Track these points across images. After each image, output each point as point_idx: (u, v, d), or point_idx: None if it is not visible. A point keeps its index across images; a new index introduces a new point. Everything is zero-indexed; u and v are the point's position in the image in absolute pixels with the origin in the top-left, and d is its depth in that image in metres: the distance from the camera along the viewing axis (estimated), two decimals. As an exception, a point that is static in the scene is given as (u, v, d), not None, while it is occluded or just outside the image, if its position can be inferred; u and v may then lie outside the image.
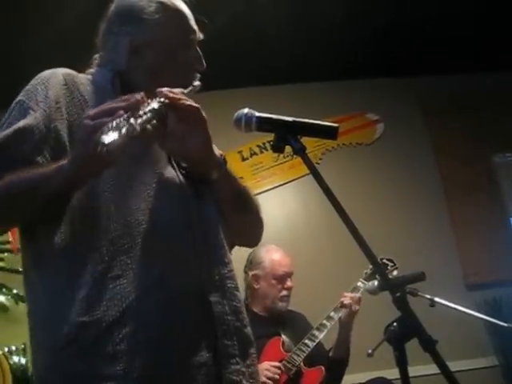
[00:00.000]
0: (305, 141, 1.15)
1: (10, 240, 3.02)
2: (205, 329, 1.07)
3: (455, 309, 2.33)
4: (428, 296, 2.30)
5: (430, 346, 0.94)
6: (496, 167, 4.07)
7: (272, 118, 1.18)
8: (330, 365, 2.52)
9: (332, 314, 2.53)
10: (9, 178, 1.02)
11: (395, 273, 2.64)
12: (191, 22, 1.30)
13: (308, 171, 1.12)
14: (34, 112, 1.10)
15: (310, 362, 2.48)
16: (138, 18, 1.24)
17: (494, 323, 2.45)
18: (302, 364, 2.43)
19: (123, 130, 0.89)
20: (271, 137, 1.18)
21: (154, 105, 1.01)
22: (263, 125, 1.18)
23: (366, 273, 2.65)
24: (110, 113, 0.93)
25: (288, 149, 1.16)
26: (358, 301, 2.50)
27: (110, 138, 0.87)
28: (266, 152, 3.91)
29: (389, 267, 2.66)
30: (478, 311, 2.61)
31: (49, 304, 1.05)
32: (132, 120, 0.91)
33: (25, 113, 1.11)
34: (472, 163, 3.96)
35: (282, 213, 3.80)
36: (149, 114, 0.96)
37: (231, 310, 1.13)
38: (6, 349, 2.88)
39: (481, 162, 4.00)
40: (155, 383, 1.00)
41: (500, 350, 3.46)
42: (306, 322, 2.70)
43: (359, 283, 2.62)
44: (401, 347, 0.99)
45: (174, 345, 1.03)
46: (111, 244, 1.05)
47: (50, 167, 1.02)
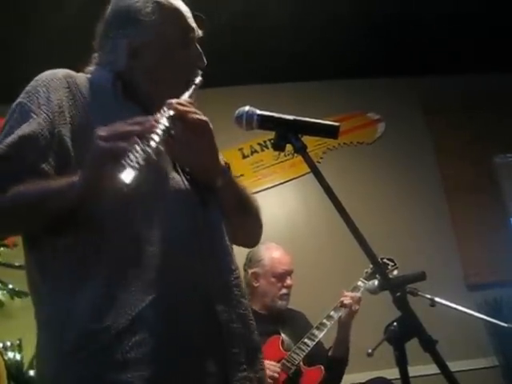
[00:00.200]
0: (306, 139, 1.15)
1: None
2: (212, 337, 1.07)
3: (455, 309, 2.33)
4: (428, 296, 2.30)
5: (430, 346, 0.94)
6: (497, 167, 4.07)
7: (273, 117, 1.17)
8: (330, 364, 2.52)
9: (332, 313, 2.52)
10: (16, 189, 1.01)
11: (395, 272, 2.63)
12: (189, 19, 1.29)
13: (309, 170, 1.12)
14: (37, 116, 1.09)
15: (309, 361, 2.47)
16: (135, 20, 1.23)
17: (494, 323, 2.45)
18: (301, 363, 2.43)
19: (141, 162, 0.90)
20: (272, 135, 1.18)
21: (165, 122, 1.01)
22: (264, 123, 1.17)
23: (367, 272, 2.64)
24: (124, 137, 0.94)
25: (289, 147, 1.16)
26: (358, 300, 2.50)
27: (129, 176, 0.88)
28: (266, 150, 3.90)
29: (389, 267, 2.66)
30: (479, 311, 2.61)
31: (56, 309, 1.04)
32: (148, 149, 0.93)
33: (27, 116, 1.09)
34: (473, 163, 3.96)
35: (283, 211, 3.80)
36: (161, 135, 0.97)
37: (237, 317, 1.13)
38: (0, 344, 2.83)
39: (482, 163, 4.00)
40: None
41: (500, 351, 3.46)
42: (305, 321, 2.70)
43: (359, 282, 2.62)
44: (401, 347, 0.99)
45: (183, 354, 1.03)
46: (120, 252, 1.05)
47: (60, 182, 1.01)
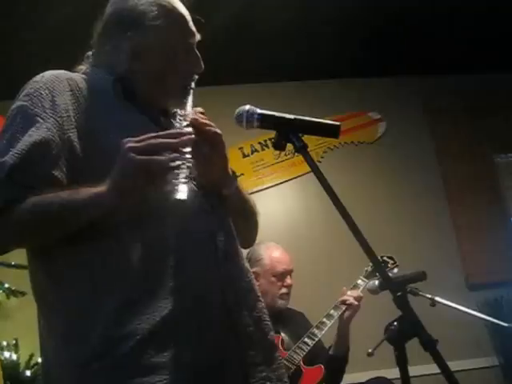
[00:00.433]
0: (306, 139, 1.15)
1: None
2: (231, 341, 1.08)
3: (456, 308, 2.32)
4: (429, 295, 2.29)
5: (430, 346, 0.94)
6: (497, 167, 4.07)
7: (274, 116, 1.17)
8: (331, 362, 2.51)
9: (332, 312, 2.52)
10: (34, 200, 0.99)
11: (396, 270, 2.63)
12: (190, 24, 1.29)
13: (309, 169, 1.12)
14: (43, 121, 1.06)
15: (309, 360, 2.47)
16: (139, 23, 1.22)
17: (494, 323, 2.44)
18: (301, 363, 2.42)
19: (187, 177, 0.93)
20: (272, 134, 1.18)
21: (192, 137, 1.02)
22: (265, 122, 1.17)
23: (367, 270, 2.64)
24: (160, 150, 0.94)
25: (289, 146, 1.16)
26: (359, 299, 2.50)
27: (184, 193, 0.91)
28: (267, 149, 3.90)
29: (389, 265, 2.65)
30: (479, 311, 2.62)
31: (73, 318, 1.03)
32: (188, 163, 0.96)
33: (32, 121, 1.05)
34: (473, 163, 3.96)
35: (283, 210, 3.80)
36: (190, 151, 0.99)
37: (253, 320, 1.14)
38: (-4, 344, 2.83)
39: (482, 162, 4.00)
40: None
41: (501, 350, 3.46)
42: (305, 320, 2.70)
43: (359, 281, 2.62)
44: (401, 347, 0.99)
45: (206, 358, 1.04)
46: (140, 260, 1.04)
47: (83, 195, 0.99)
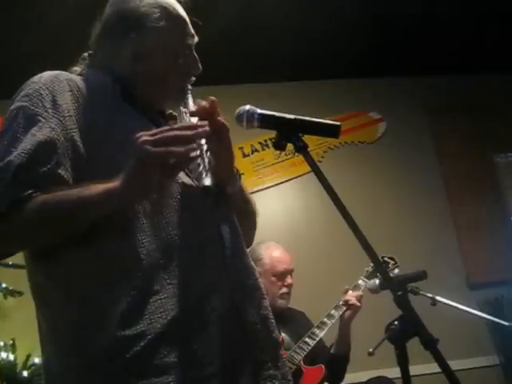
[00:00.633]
0: (307, 139, 1.16)
1: None
2: (239, 338, 1.08)
3: (457, 308, 2.33)
4: (429, 295, 2.30)
5: (431, 345, 0.94)
6: (497, 167, 4.07)
7: (275, 116, 1.18)
8: (332, 361, 2.52)
9: (333, 311, 2.52)
10: (42, 198, 0.98)
11: (396, 271, 2.63)
12: (190, 26, 1.29)
13: (309, 169, 1.12)
14: (46, 120, 1.05)
15: (310, 360, 2.47)
16: (141, 25, 1.22)
17: (495, 322, 2.45)
18: (301, 362, 2.42)
19: (207, 166, 0.94)
20: (273, 134, 1.18)
21: (207, 128, 1.02)
22: (265, 122, 1.18)
23: (367, 270, 2.64)
24: (177, 141, 0.94)
25: (290, 146, 1.16)
26: (360, 299, 2.51)
27: (209, 180, 0.92)
28: (267, 149, 3.90)
29: (390, 265, 2.66)
30: (480, 310, 2.61)
31: (80, 320, 1.02)
32: (206, 154, 0.96)
33: (33, 120, 1.04)
34: (473, 163, 3.96)
35: (283, 210, 3.80)
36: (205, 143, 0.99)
37: (260, 318, 1.14)
38: (-6, 344, 2.81)
39: (482, 162, 4.00)
40: None
41: (501, 349, 3.46)
42: (306, 320, 2.70)
43: (360, 281, 2.62)
44: (402, 346, 1.00)
45: (217, 357, 1.03)
46: (147, 258, 1.04)
47: (94, 189, 0.98)
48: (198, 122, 1.06)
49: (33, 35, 3.00)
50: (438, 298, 2.30)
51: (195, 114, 1.13)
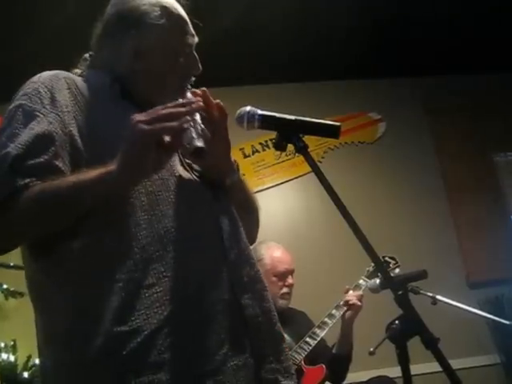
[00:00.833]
0: (307, 139, 1.16)
1: None
2: (239, 331, 1.07)
3: (457, 307, 2.33)
4: (430, 294, 2.30)
5: (431, 344, 0.94)
6: (497, 166, 4.07)
7: (275, 117, 1.18)
8: (334, 361, 2.52)
9: (333, 311, 2.53)
10: (38, 187, 0.98)
11: (397, 270, 2.64)
12: (190, 26, 1.30)
13: (310, 169, 1.13)
14: (44, 115, 1.06)
15: (311, 359, 2.47)
16: (142, 23, 1.22)
17: (496, 321, 2.45)
18: (302, 362, 2.42)
19: (203, 135, 0.94)
20: (273, 135, 1.18)
21: (201, 104, 1.02)
22: (266, 123, 1.18)
23: (368, 270, 2.65)
24: (171, 118, 0.94)
25: (290, 147, 1.17)
26: (361, 299, 2.51)
27: (201, 142, 0.91)
28: (268, 150, 3.90)
29: (391, 265, 2.66)
30: (480, 309, 2.61)
31: (75, 316, 1.01)
32: (200, 126, 0.96)
33: (32, 116, 1.06)
34: (473, 162, 3.97)
35: (284, 211, 3.81)
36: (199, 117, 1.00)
37: (262, 310, 1.13)
38: (-6, 345, 2.80)
39: (482, 161, 4.00)
40: None
41: (502, 348, 3.46)
42: (307, 320, 2.70)
43: (361, 281, 2.62)
44: (403, 345, 0.99)
45: (216, 350, 1.02)
46: (143, 251, 1.03)
47: (91, 174, 0.98)
48: (192, 98, 1.06)
49: (33, 37, 3.00)
50: (439, 297, 2.30)
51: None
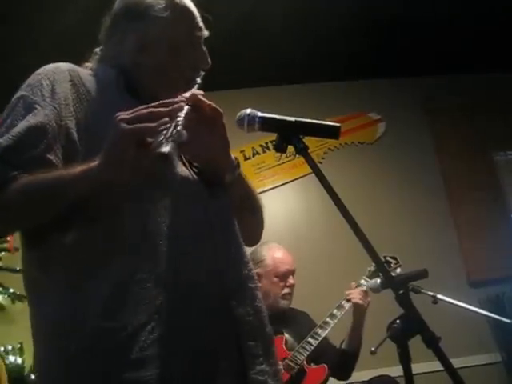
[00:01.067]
0: (307, 140, 1.16)
1: (8, 239, 2.90)
2: (229, 330, 1.06)
3: (458, 305, 2.33)
4: (431, 293, 2.30)
5: (433, 343, 0.94)
6: (497, 165, 4.08)
7: (275, 119, 1.18)
8: (341, 357, 2.53)
9: (335, 311, 2.53)
10: (26, 179, 0.99)
11: (398, 270, 2.64)
12: (198, 19, 1.28)
13: (310, 170, 1.13)
14: (42, 108, 1.06)
15: (314, 359, 2.48)
16: (146, 15, 1.21)
17: (496, 320, 2.45)
18: (304, 362, 2.42)
19: (175, 138, 0.91)
20: (273, 137, 1.19)
21: (186, 107, 1.01)
22: (266, 125, 1.18)
23: (370, 270, 2.65)
24: (151, 118, 0.93)
25: (290, 148, 1.17)
26: (366, 294, 2.51)
27: (167, 148, 0.88)
28: (268, 151, 3.91)
29: (392, 265, 2.66)
30: (481, 308, 2.62)
31: (63, 309, 1.00)
32: (179, 128, 0.93)
33: (30, 108, 1.06)
34: (473, 161, 3.97)
35: (284, 212, 3.81)
36: (183, 119, 0.97)
37: (253, 310, 1.12)
38: (1, 348, 2.82)
39: (481, 160, 4.01)
40: None
41: (503, 347, 3.46)
42: (309, 320, 2.70)
43: (362, 281, 2.63)
44: (404, 344, 1.00)
45: (203, 348, 1.01)
46: (133, 246, 1.02)
47: (75, 169, 0.98)
48: (178, 99, 1.04)
49: (40, 37, 3.01)
50: (440, 296, 2.31)
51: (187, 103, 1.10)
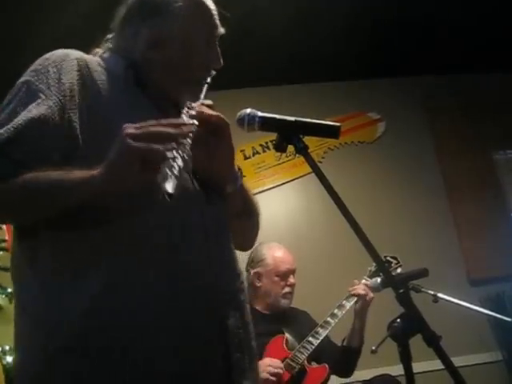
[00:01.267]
0: (307, 140, 1.16)
1: (6, 238, 2.93)
2: (219, 341, 1.05)
3: (458, 304, 2.34)
4: (431, 292, 2.31)
5: (433, 342, 0.94)
6: (497, 164, 4.08)
7: (275, 118, 1.19)
8: (343, 354, 2.53)
9: (336, 311, 2.53)
10: (27, 176, 0.97)
11: (399, 270, 2.64)
12: (215, 16, 1.26)
13: (310, 170, 1.13)
14: (46, 97, 1.03)
15: (315, 358, 2.48)
16: (163, 11, 1.19)
17: (497, 318, 2.46)
18: (305, 362, 2.41)
19: (181, 170, 0.90)
20: (273, 136, 1.19)
21: (193, 128, 1.00)
22: (266, 125, 1.18)
23: (370, 270, 2.64)
24: (159, 139, 0.90)
25: (290, 148, 1.17)
26: (370, 289, 2.52)
27: (171, 185, 0.87)
28: (268, 151, 3.91)
29: (392, 264, 2.66)
30: (482, 306, 2.62)
31: (49, 306, 0.99)
32: (186, 156, 0.92)
33: (34, 96, 1.03)
34: (473, 160, 3.97)
35: (285, 211, 3.81)
36: (190, 139, 0.96)
37: (242, 323, 1.11)
38: (-1, 349, 2.78)
39: (481, 159, 4.01)
40: None
41: (504, 345, 3.47)
42: (309, 319, 2.69)
43: (363, 280, 2.63)
44: (405, 343, 0.99)
45: (188, 358, 1.00)
46: (124, 248, 1.01)
47: (75, 175, 0.96)
48: (189, 120, 1.03)
49: (41, 37, 3.01)
50: (440, 295, 2.31)
51: (194, 116, 1.09)
